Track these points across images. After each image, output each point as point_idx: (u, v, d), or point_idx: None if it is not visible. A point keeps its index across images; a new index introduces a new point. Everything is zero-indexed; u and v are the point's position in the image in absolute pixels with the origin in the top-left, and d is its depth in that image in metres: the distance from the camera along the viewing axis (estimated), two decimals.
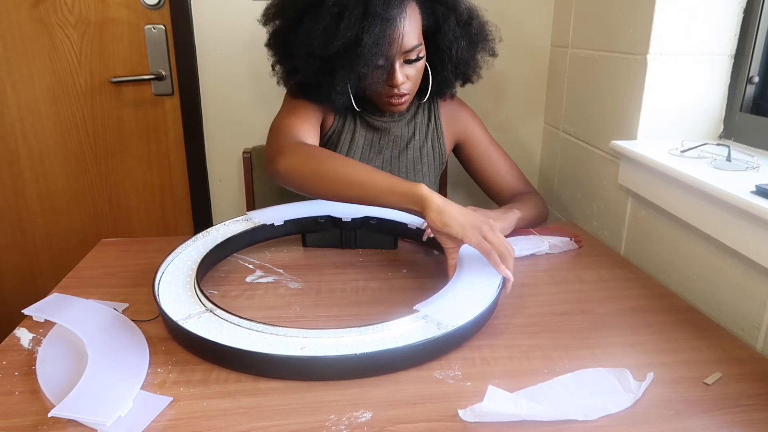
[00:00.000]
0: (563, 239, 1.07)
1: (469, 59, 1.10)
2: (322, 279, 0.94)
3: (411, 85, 1.05)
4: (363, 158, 1.16)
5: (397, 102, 1.05)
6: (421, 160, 1.18)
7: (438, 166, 1.22)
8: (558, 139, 1.50)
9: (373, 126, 1.16)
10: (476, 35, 1.08)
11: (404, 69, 1.02)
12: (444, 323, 0.72)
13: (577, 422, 0.60)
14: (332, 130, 1.16)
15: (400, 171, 1.17)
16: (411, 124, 1.18)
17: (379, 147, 1.17)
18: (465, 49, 1.07)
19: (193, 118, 1.54)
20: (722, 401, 0.64)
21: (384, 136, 1.16)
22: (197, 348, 0.71)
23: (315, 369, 0.67)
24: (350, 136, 1.15)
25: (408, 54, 1.00)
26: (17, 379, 0.67)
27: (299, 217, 1.04)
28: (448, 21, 1.03)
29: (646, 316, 0.84)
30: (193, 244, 0.95)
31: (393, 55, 0.98)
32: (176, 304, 0.76)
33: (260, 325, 0.71)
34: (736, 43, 1.05)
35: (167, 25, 1.48)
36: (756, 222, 0.76)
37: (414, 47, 1.00)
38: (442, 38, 1.04)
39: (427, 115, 1.19)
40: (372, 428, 0.59)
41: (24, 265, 1.65)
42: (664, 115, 1.09)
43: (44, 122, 1.54)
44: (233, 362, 0.69)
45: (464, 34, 1.06)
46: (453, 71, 1.10)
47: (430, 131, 1.19)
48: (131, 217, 1.65)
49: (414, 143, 1.17)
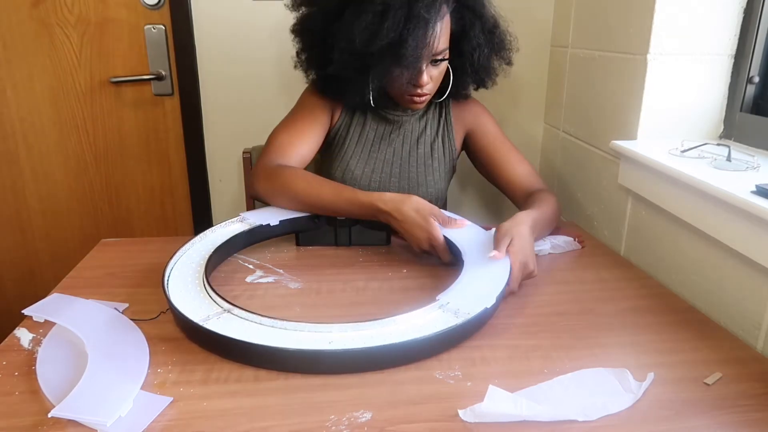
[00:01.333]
0: (566, 239, 1.07)
1: (488, 65, 1.12)
2: (322, 279, 0.94)
3: (433, 85, 1.07)
4: (373, 150, 1.16)
5: (419, 101, 1.07)
6: (432, 155, 1.18)
7: (448, 162, 1.21)
8: (558, 139, 1.50)
9: (385, 118, 1.17)
10: (498, 44, 1.10)
11: (429, 70, 1.04)
12: (463, 311, 0.74)
13: (577, 422, 0.60)
14: (341, 122, 1.17)
15: (410, 166, 1.17)
16: (422, 119, 1.19)
17: (389, 140, 1.17)
18: (486, 55, 1.09)
19: (193, 118, 1.54)
20: (722, 401, 0.64)
21: (395, 130, 1.17)
22: (217, 348, 0.72)
23: (347, 361, 0.68)
24: (360, 128, 1.16)
25: (435, 55, 1.02)
26: (17, 379, 0.67)
27: (294, 217, 1.04)
28: (474, 27, 1.05)
29: (646, 316, 0.83)
30: (192, 246, 0.95)
31: (428, 57, 1.00)
32: (191, 306, 0.76)
33: (283, 322, 0.72)
34: (736, 43, 1.05)
35: (167, 25, 1.48)
36: (756, 222, 0.76)
37: (443, 50, 1.02)
38: (467, 43, 1.07)
39: (439, 111, 1.20)
40: (372, 428, 0.59)
41: (24, 265, 1.65)
42: (664, 115, 1.09)
43: (44, 122, 1.54)
44: (260, 361, 0.69)
45: (487, 41, 1.08)
46: (472, 75, 1.12)
47: (441, 127, 1.19)
48: (131, 217, 1.65)
49: (425, 138, 1.18)
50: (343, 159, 1.15)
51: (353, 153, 1.16)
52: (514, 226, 0.91)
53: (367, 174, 1.16)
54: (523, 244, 0.88)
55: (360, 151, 1.16)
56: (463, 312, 0.74)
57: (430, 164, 1.18)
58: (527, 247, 0.89)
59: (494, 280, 0.81)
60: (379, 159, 1.17)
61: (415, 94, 1.05)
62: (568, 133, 1.44)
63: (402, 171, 1.17)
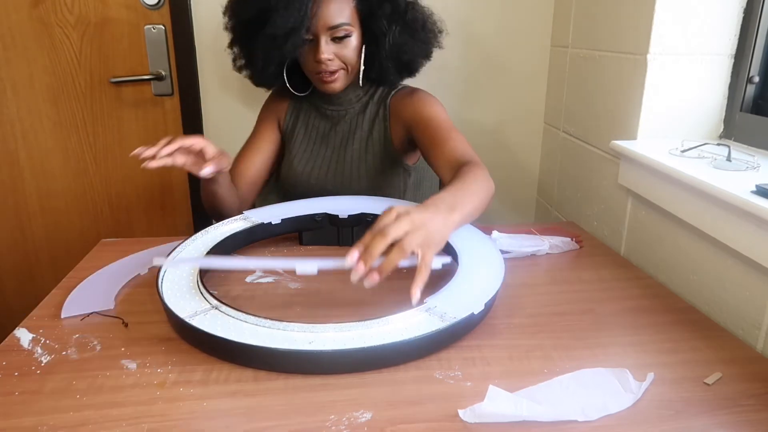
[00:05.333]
0: (564, 239, 1.07)
1: (404, 46, 1.11)
2: (322, 279, 0.93)
3: (339, 63, 1.08)
4: (314, 149, 1.20)
5: (328, 79, 1.08)
6: (367, 151, 1.17)
7: (386, 156, 1.16)
8: (558, 139, 1.50)
9: (325, 115, 1.19)
10: (411, 22, 1.10)
11: (330, 46, 1.06)
12: (449, 315, 0.73)
13: (577, 422, 0.60)
14: (287, 125, 1.21)
15: (345, 161, 1.17)
16: (361, 116, 1.19)
17: (328, 138, 1.19)
18: (398, 35, 1.09)
19: (193, 118, 1.54)
20: (722, 401, 0.64)
21: (333, 127, 1.19)
22: (204, 345, 0.72)
23: (322, 362, 0.68)
24: (304, 128, 1.21)
25: (334, 31, 1.04)
26: (17, 379, 0.67)
27: (296, 215, 1.04)
28: (382, 6, 1.07)
29: (646, 316, 0.83)
30: (192, 243, 0.95)
31: (310, 26, 1.02)
32: (181, 302, 0.77)
33: (267, 320, 0.71)
34: (736, 43, 1.05)
35: (167, 25, 1.48)
36: (756, 222, 0.76)
37: (339, 24, 1.04)
38: (375, 24, 1.08)
39: (377, 107, 1.18)
40: (372, 428, 0.59)
41: (24, 265, 1.65)
42: (664, 115, 1.09)
43: (44, 122, 1.54)
44: (241, 358, 0.69)
45: (398, 20, 1.09)
46: (389, 58, 1.11)
47: (378, 121, 1.17)
48: (131, 217, 1.65)
49: (360, 134, 1.18)
50: (288, 159, 1.21)
51: (296, 152, 1.20)
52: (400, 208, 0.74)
53: (307, 172, 1.19)
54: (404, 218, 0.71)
55: (303, 150, 1.20)
56: (449, 316, 0.72)
57: (365, 158, 1.17)
58: (410, 222, 0.71)
59: (487, 283, 0.80)
60: (319, 157, 1.19)
61: (321, 71, 1.07)
62: (568, 133, 1.44)
63: (338, 167, 1.18)
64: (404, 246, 0.69)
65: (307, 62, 1.09)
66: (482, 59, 1.54)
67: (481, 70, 1.55)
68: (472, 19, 1.50)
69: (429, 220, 0.73)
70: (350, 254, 0.69)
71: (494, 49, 1.54)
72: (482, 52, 1.53)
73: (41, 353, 0.72)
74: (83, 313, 0.81)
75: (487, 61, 1.54)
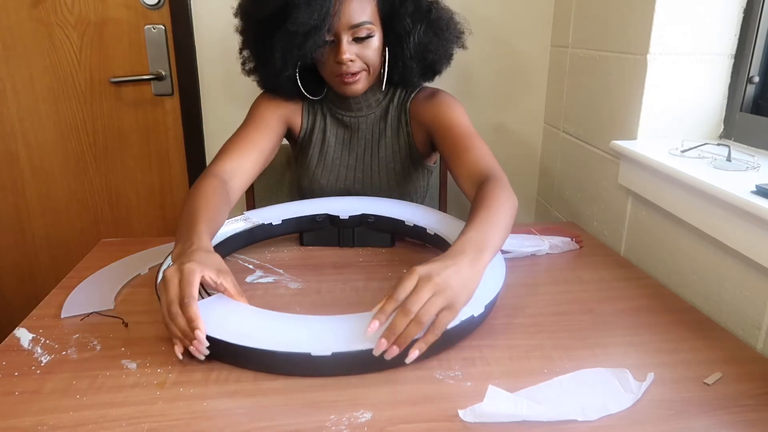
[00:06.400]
0: (564, 239, 1.07)
1: (429, 45, 1.06)
2: (322, 279, 0.94)
3: (361, 64, 1.02)
4: (335, 157, 1.15)
5: (350, 80, 1.02)
6: (394, 158, 1.15)
7: (413, 163, 1.15)
8: (558, 139, 1.50)
9: (342, 122, 1.15)
10: (436, 20, 1.06)
11: (353, 46, 1.01)
12: None
13: (577, 422, 0.60)
14: (303, 132, 1.16)
15: (372, 171, 1.15)
16: (382, 122, 1.15)
17: (350, 145, 1.16)
18: (423, 34, 1.05)
19: (193, 118, 1.54)
20: (722, 401, 0.64)
21: (354, 134, 1.15)
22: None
23: (322, 365, 0.67)
24: (321, 135, 1.15)
25: (356, 30, 0.99)
26: (17, 379, 0.67)
27: (297, 216, 1.04)
28: (405, 5, 1.03)
29: (646, 316, 0.83)
30: None
31: (331, 25, 0.97)
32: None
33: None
34: (736, 43, 1.06)
35: (167, 25, 1.48)
36: (756, 222, 0.76)
37: (362, 23, 0.99)
38: (399, 22, 1.04)
39: (398, 111, 1.15)
40: (372, 428, 0.59)
41: (24, 265, 1.65)
42: (664, 115, 1.09)
43: (44, 122, 1.54)
44: (237, 359, 0.69)
45: (422, 18, 1.05)
46: (413, 58, 1.07)
47: (402, 127, 1.14)
48: (131, 217, 1.65)
49: (385, 140, 1.15)
50: (309, 169, 1.16)
51: (317, 162, 1.15)
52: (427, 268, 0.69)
53: (331, 182, 1.15)
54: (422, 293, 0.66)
55: (323, 159, 1.15)
56: None
57: (393, 167, 1.15)
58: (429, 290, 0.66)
59: (487, 284, 0.79)
60: (342, 166, 1.15)
61: (342, 73, 1.01)
62: (568, 133, 1.44)
63: (365, 176, 1.15)
64: (421, 319, 0.65)
65: (327, 64, 1.03)
66: (482, 59, 1.54)
67: (480, 69, 1.55)
68: (472, 19, 1.50)
69: (453, 276, 0.68)
70: (370, 326, 0.65)
71: (494, 49, 1.54)
72: (482, 51, 1.53)
73: (41, 353, 0.72)
74: (83, 313, 0.81)
75: (487, 61, 1.55)
